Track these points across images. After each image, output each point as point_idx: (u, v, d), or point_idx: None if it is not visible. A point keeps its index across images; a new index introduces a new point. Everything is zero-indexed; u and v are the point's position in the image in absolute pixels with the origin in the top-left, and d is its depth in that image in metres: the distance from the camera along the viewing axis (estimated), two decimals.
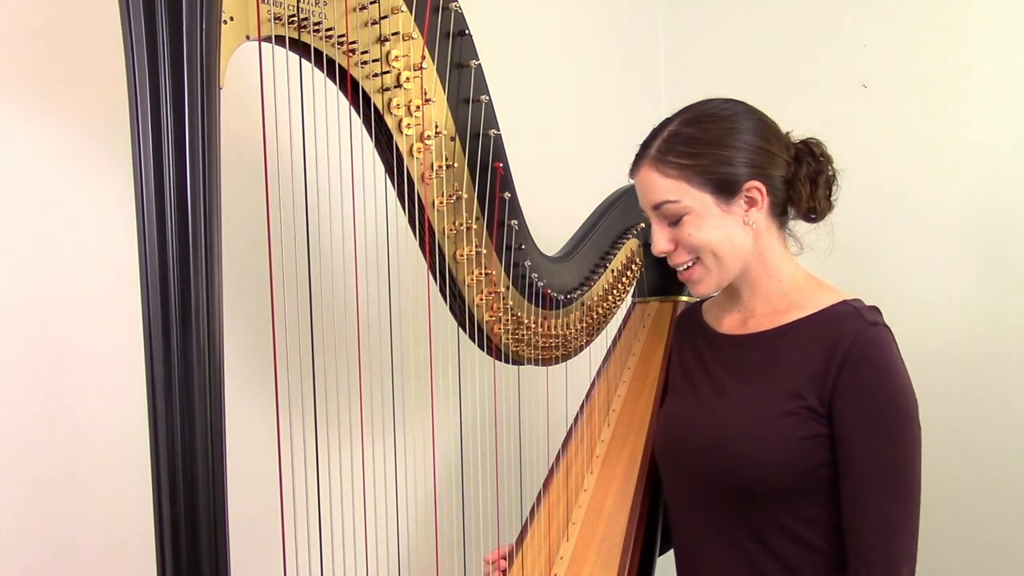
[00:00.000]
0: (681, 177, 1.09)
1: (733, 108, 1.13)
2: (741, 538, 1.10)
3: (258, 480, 1.08)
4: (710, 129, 1.10)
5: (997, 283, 1.83)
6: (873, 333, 1.05)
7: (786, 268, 1.15)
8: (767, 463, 1.06)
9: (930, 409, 1.88)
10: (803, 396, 1.06)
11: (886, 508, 1.02)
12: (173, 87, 0.74)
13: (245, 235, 1.18)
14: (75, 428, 1.14)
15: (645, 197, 1.14)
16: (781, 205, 1.14)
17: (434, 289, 1.14)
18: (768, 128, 1.13)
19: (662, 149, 1.11)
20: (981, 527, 1.86)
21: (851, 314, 1.08)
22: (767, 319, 1.15)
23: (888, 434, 1.03)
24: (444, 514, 1.43)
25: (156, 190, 0.75)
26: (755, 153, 1.10)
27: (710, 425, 1.14)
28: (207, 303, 0.77)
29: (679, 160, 1.09)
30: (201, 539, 0.78)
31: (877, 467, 1.03)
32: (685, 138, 1.10)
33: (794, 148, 1.14)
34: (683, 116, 1.13)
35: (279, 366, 1.00)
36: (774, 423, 1.07)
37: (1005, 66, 1.81)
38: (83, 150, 1.14)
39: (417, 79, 1.01)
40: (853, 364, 1.04)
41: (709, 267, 1.13)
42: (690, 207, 1.10)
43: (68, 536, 1.14)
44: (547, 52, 1.97)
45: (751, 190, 1.10)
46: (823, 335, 1.07)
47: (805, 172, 1.13)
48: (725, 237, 1.11)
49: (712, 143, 1.09)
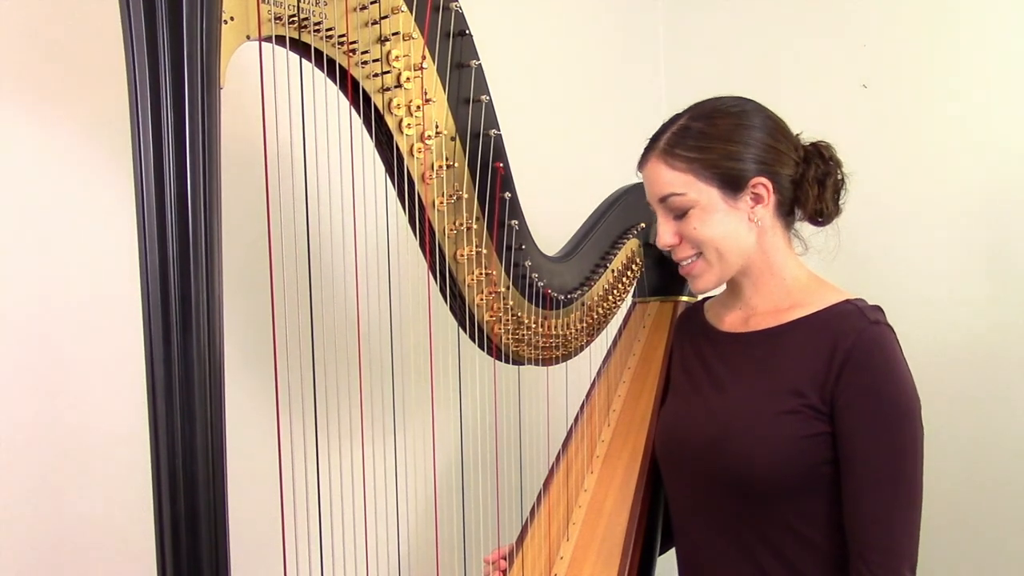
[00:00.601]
0: (688, 170, 1.10)
1: (743, 105, 1.14)
2: (742, 536, 1.10)
3: (258, 480, 1.08)
4: (719, 124, 1.11)
5: (998, 281, 1.83)
6: (875, 332, 1.05)
7: (790, 267, 1.15)
8: (768, 461, 1.06)
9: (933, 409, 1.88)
10: (804, 394, 1.06)
11: (887, 507, 1.02)
12: (173, 87, 0.74)
13: (245, 235, 1.18)
14: (75, 428, 1.14)
15: (652, 189, 1.14)
16: (788, 205, 1.14)
17: (434, 289, 1.14)
18: (777, 127, 1.14)
19: (671, 142, 1.11)
20: (983, 527, 1.86)
21: (853, 313, 1.08)
22: (769, 317, 1.15)
23: (889, 433, 1.03)
24: (444, 514, 1.43)
25: (156, 190, 0.75)
26: (763, 150, 1.11)
27: (711, 423, 1.14)
28: (207, 303, 0.77)
29: (687, 153, 1.10)
30: (201, 539, 0.78)
31: (878, 466, 1.03)
32: (694, 132, 1.11)
33: (803, 149, 1.15)
34: (693, 111, 1.14)
35: (279, 366, 1.00)
36: (775, 421, 1.07)
37: (1005, 65, 1.81)
38: (83, 150, 1.14)
39: (417, 79, 1.01)
40: (855, 363, 1.04)
41: (711, 262, 1.13)
42: (696, 200, 1.10)
43: (68, 536, 1.14)
44: (547, 52, 1.97)
45: (757, 186, 1.10)
46: (825, 333, 1.07)
47: (813, 173, 1.14)
48: (729, 232, 1.11)
49: (720, 138, 1.10)
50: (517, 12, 1.87)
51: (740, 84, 1.17)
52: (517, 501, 1.36)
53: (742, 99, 1.15)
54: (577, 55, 2.08)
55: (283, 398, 1.06)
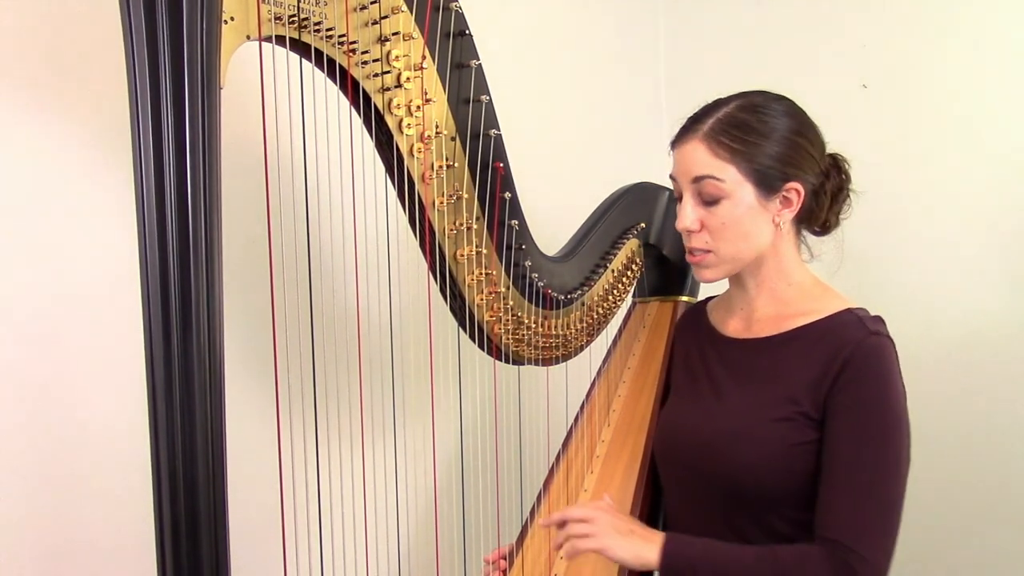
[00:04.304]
0: (731, 160, 1.09)
1: (787, 106, 1.13)
2: (733, 539, 1.10)
3: (258, 480, 1.08)
4: (767, 122, 1.10)
5: (1001, 281, 1.83)
6: (874, 342, 1.05)
7: (797, 272, 1.16)
8: (759, 467, 1.06)
9: (938, 412, 1.88)
10: (799, 402, 1.06)
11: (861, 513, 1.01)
12: (173, 87, 0.74)
13: (245, 234, 1.18)
14: (75, 428, 1.14)
15: (687, 168, 1.12)
16: (805, 212, 1.14)
17: (434, 289, 1.14)
18: (815, 133, 1.13)
19: (716, 128, 1.10)
20: (983, 529, 1.86)
21: (854, 323, 1.08)
22: (771, 324, 1.15)
23: (873, 444, 1.02)
24: (444, 514, 1.42)
25: (156, 190, 0.75)
26: (802, 156, 1.10)
27: (706, 427, 1.14)
28: (207, 303, 0.77)
29: (733, 144, 1.09)
30: (201, 539, 0.78)
31: (856, 473, 1.02)
32: (741, 123, 1.09)
33: (826, 160, 1.15)
34: (739, 102, 1.12)
35: (279, 366, 1.00)
36: (768, 428, 1.07)
37: (1006, 65, 1.81)
38: (83, 150, 1.14)
39: (417, 79, 1.01)
40: (850, 372, 1.03)
41: (724, 258, 1.12)
42: (732, 192, 1.09)
43: (68, 537, 1.14)
44: (547, 52, 1.97)
45: (791, 191, 1.10)
46: (824, 343, 1.07)
47: (830, 185, 1.14)
48: (752, 231, 1.11)
49: (767, 136, 1.09)
50: (517, 12, 1.87)
51: (740, 84, 1.17)
52: (517, 501, 1.36)
53: (786, 98, 1.14)
54: (577, 55, 2.08)
55: (283, 398, 1.06)
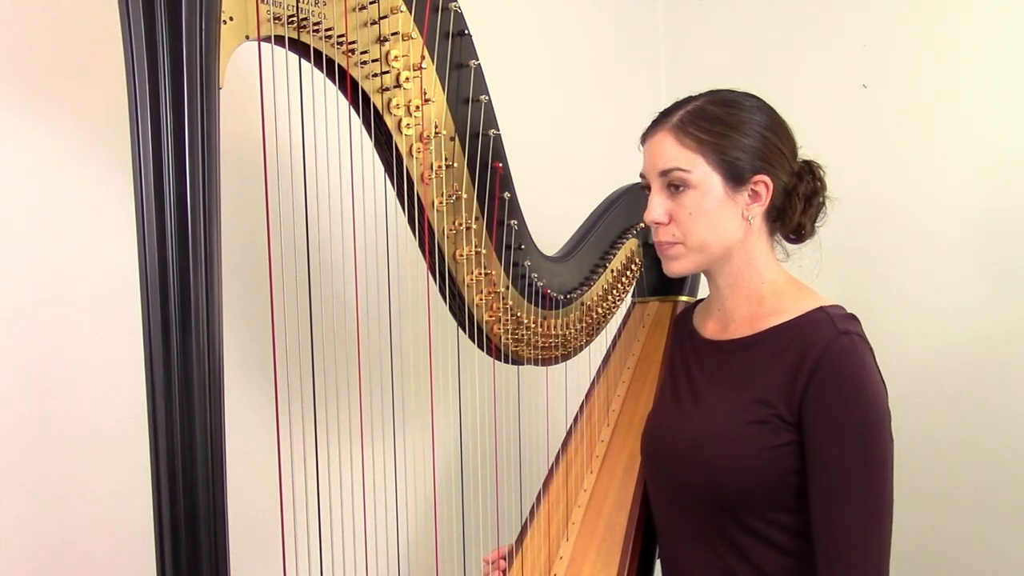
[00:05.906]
0: (698, 151, 1.09)
1: (758, 103, 1.14)
2: (714, 542, 1.10)
3: (258, 480, 1.08)
4: (735, 115, 1.11)
5: (997, 282, 1.83)
6: (845, 342, 1.03)
7: (770, 270, 1.15)
8: (736, 470, 1.06)
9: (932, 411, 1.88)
10: (772, 404, 1.05)
11: (855, 520, 1.00)
12: (173, 87, 0.74)
13: (244, 235, 1.18)
14: (75, 428, 1.14)
15: (654, 161, 1.13)
16: (777, 211, 1.14)
17: (434, 289, 1.14)
18: (786, 131, 1.15)
19: (685, 120, 1.11)
20: (982, 530, 1.86)
21: (824, 321, 1.06)
22: (746, 324, 1.15)
23: (856, 446, 1.01)
24: (444, 514, 1.42)
25: (156, 190, 0.75)
26: (770, 151, 1.11)
27: (685, 430, 1.14)
28: (207, 304, 0.77)
29: (700, 134, 1.10)
30: (201, 539, 0.78)
31: (845, 479, 1.01)
32: (710, 116, 1.11)
33: (799, 162, 1.16)
34: (710, 97, 1.14)
35: (279, 367, 0.99)
36: (744, 431, 1.07)
37: (1005, 66, 1.81)
38: (83, 151, 1.14)
39: (417, 79, 1.01)
40: (822, 374, 1.02)
41: (691, 249, 1.13)
42: (699, 182, 1.09)
43: (68, 537, 1.14)
44: (547, 52, 1.97)
45: (759, 184, 1.11)
46: (795, 343, 1.06)
47: (803, 189, 1.14)
48: (720, 223, 1.11)
49: (735, 128, 1.10)
50: (516, 12, 1.87)
51: (740, 84, 1.17)
52: (517, 501, 1.36)
53: (755, 96, 1.15)
54: (577, 55, 2.08)
55: (283, 398, 1.06)
